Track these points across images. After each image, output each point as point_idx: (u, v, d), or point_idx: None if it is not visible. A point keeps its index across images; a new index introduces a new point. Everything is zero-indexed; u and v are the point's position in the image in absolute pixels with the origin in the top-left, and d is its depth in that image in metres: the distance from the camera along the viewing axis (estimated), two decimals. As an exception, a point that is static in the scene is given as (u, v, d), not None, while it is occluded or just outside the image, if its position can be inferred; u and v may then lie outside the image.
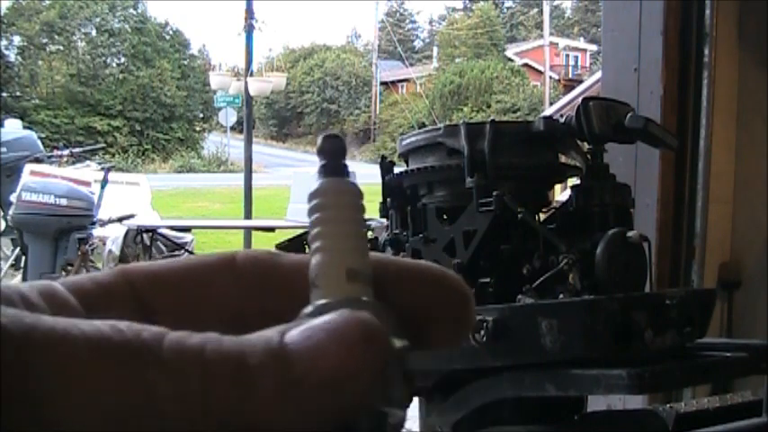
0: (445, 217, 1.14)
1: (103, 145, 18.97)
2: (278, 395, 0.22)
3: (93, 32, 31.17)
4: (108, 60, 31.32)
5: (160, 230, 7.72)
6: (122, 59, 31.32)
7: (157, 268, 0.29)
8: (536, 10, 39.17)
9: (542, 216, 1.15)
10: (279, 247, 1.39)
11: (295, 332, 0.23)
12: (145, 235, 7.49)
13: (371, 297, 0.26)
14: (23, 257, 6.59)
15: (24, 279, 6.40)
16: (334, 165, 0.28)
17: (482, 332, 0.95)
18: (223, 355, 0.23)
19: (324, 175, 0.28)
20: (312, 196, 0.28)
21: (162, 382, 0.22)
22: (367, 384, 0.23)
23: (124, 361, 0.22)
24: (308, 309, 0.25)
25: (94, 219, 6.53)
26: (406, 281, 0.28)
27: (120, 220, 7.10)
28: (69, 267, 6.31)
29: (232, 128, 26.62)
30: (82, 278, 0.28)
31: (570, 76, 33.17)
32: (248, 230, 11.31)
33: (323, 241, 0.27)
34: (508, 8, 42.88)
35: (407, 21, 45.03)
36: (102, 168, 7.87)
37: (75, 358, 0.22)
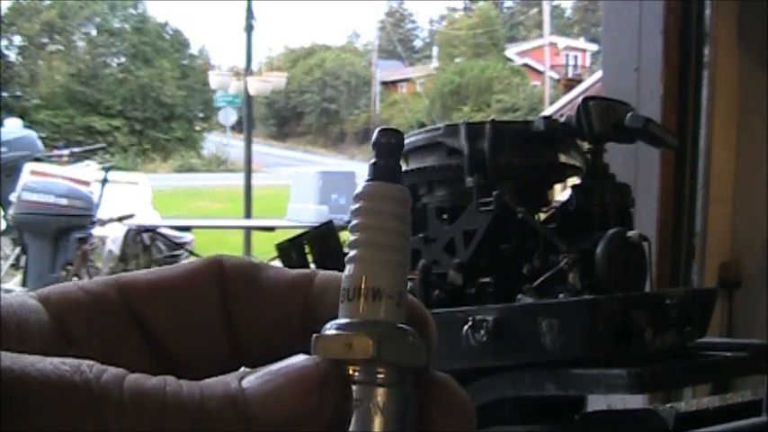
0: (445, 216, 1.14)
1: (103, 145, 18.92)
2: None
3: (94, 32, 31.18)
4: (108, 60, 31.32)
5: (160, 230, 7.72)
6: (122, 59, 31.32)
7: (150, 278, 0.29)
8: (536, 10, 39.15)
9: (542, 216, 1.15)
10: (279, 246, 1.39)
11: (253, 377, 0.24)
12: (145, 235, 7.49)
13: (401, 317, 0.25)
14: (23, 257, 6.59)
15: (24, 279, 6.41)
16: (385, 166, 0.26)
17: (482, 332, 0.95)
18: (182, 399, 0.23)
19: (373, 176, 0.26)
20: (356, 198, 0.26)
21: (118, 425, 0.22)
22: (322, 426, 0.23)
23: (80, 403, 0.22)
24: (331, 325, 0.25)
25: (94, 218, 6.54)
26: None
27: (120, 219, 7.10)
28: (69, 267, 6.31)
29: (232, 127, 26.62)
30: (71, 288, 0.28)
31: (570, 75, 33.14)
32: (248, 230, 11.31)
33: (359, 251, 0.26)
34: (508, 8, 42.88)
35: (407, 21, 45.02)
36: (102, 168, 7.87)
37: (31, 399, 0.21)
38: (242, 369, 0.25)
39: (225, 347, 0.29)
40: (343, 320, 0.25)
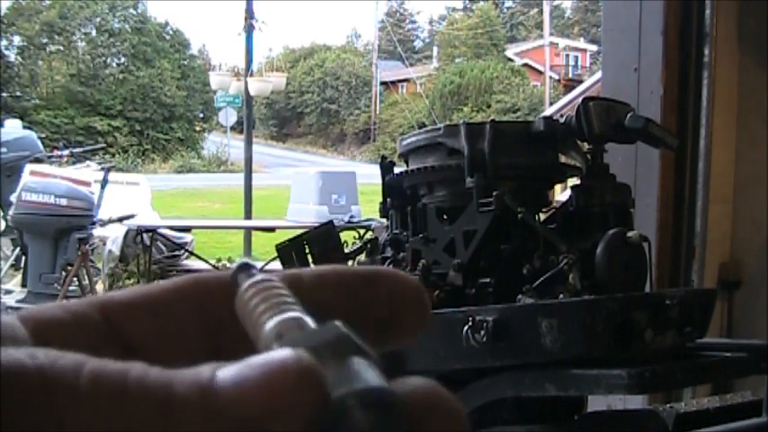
0: (445, 217, 1.14)
1: (103, 145, 18.95)
2: (202, 429, 0.22)
3: (93, 32, 31.17)
4: (108, 60, 31.32)
5: (160, 230, 7.72)
6: (122, 59, 31.32)
7: (130, 296, 0.29)
8: (536, 10, 39.16)
9: (542, 216, 1.15)
10: (279, 247, 1.39)
11: (231, 368, 0.23)
12: (145, 235, 7.49)
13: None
14: (23, 257, 6.59)
15: (24, 279, 6.40)
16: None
17: (482, 332, 0.95)
18: (147, 384, 0.22)
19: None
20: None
21: (73, 411, 0.21)
22: (295, 424, 0.22)
23: (32, 389, 0.21)
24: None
25: (94, 219, 6.53)
26: (333, 286, 0.29)
27: (120, 220, 7.10)
28: (69, 267, 6.31)
29: (232, 128, 26.62)
30: (51, 308, 0.28)
31: (570, 76, 33.16)
32: (248, 230, 11.32)
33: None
34: (508, 8, 42.88)
35: (407, 21, 45.04)
36: (102, 168, 7.87)
37: None
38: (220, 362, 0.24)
39: (206, 361, 0.30)
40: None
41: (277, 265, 1.28)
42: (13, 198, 6.36)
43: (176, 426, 0.22)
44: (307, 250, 1.25)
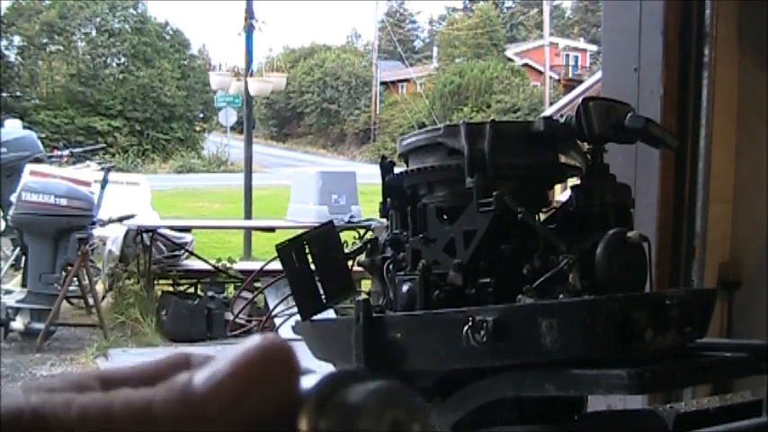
0: (445, 217, 1.14)
1: (103, 145, 18.96)
2: (182, 428, 0.24)
3: (93, 32, 31.17)
4: (108, 60, 31.33)
5: (160, 230, 7.72)
6: (122, 59, 31.32)
7: (129, 372, 0.31)
8: (536, 10, 39.16)
9: (542, 216, 1.15)
10: (279, 247, 1.39)
11: (205, 368, 0.25)
12: (145, 235, 7.50)
13: None
14: (23, 257, 6.59)
15: (24, 279, 6.40)
16: None
17: (482, 332, 0.95)
18: (129, 403, 0.24)
19: None
20: None
21: None
22: (271, 402, 0.24)
23: (28, 425, 0.24)
24: None
25: (94, 219, 6.53)
26: None
27: (120, 220, 7.11)
28: (69, 267, 6.31)
29: (232, 128, 26.62)
30: (57, 381, 0.30)
31: (570, 76, 33.17)
32: (248, 230, 11.32)
33: None
34: (508, 8, 42.89)
35: (407, 21, 45.05)
36: (102, 168, 7.87)
37: None
38: None
39: None
40: None
41: (277, 264, 1.28)
42: (13, 198, 6.36)
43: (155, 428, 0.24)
44: (307, 250, 1.25)
